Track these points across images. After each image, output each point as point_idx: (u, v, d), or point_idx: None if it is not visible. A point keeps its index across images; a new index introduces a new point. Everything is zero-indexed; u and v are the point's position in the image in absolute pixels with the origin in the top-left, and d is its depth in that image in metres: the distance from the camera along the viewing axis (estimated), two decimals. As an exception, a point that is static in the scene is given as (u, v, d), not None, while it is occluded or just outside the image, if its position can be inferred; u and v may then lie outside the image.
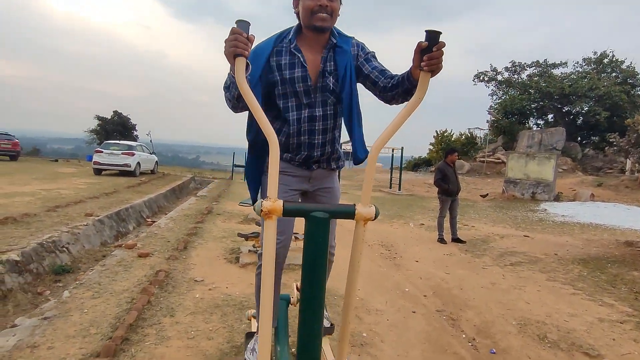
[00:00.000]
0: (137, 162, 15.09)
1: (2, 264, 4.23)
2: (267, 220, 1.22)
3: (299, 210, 1.26)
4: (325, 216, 1.24)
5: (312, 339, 1.27)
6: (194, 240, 5.51)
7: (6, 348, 2.35)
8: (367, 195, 1.28)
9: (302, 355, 1.27)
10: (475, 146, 25.32)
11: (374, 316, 3.30)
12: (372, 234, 6.85)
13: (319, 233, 1.24)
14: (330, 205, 1.42)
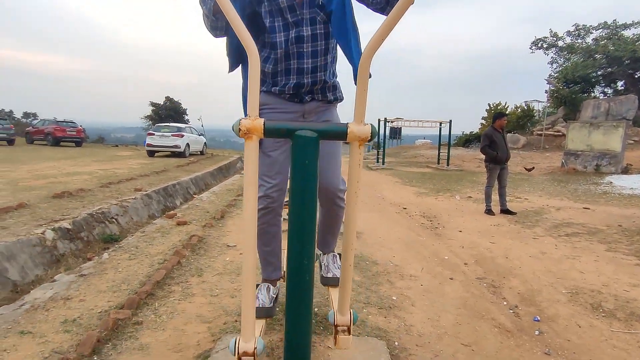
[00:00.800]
0: (186, 144, 15.64)
1: (55, 231, 4.51)
2: (248, 141, 1.10)
3: (282, 129, 1.12)
4: (314, 135, 1.09)
5: (301, 272, 1.14)
6: (232, 210, 5.58)
7: (42, 299, 2.47)
8: (362, 112, 1.10)
9: (292, 290, 1.15)
10: (533, 119, 23.59)
11: (407, 281, 3.13)
12: (414, 207, 6.60)
13: (307, 155, 1.10)
14: (319, 123, 1.25)
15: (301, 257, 1.13)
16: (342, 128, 1.10)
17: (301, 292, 1.15)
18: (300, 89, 1.59)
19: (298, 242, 1.13)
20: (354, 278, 3.06)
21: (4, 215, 4.85)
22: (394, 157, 19.45)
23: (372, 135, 1.10)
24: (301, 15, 1.52)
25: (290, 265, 1.14)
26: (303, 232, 1.13)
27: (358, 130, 1.09)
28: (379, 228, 4.88)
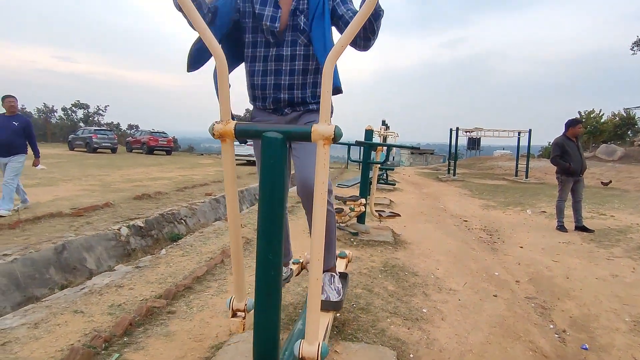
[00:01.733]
0: (259, 153, 16.45)
1: (129, 228, 5.06)
2: (223, 143, 1.20)
3: (251, 131, 1.19)
4: (280, 136, 1.15)
5: (267, 267, 1.20)
6: (289, 216, 5.76)
7: (99, 285, 2.80)
8: (326, 111, 1.14)
9: (259, 284, 1.21)
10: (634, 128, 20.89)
11: (444, 295, 3.00)
12: (476, 220, 6.25)
13: (275, 155, 1.16)
14: (286, 125, 1.29)
15: (266, 252, 1.19)
16: (306, 129, 1.14)
17: (268, 287, 1.21)
18: (278, 103, 1.68)
19: (264, 237, 1.19)
20: (387, 287, 3.01)
21: (91, 213, 5.55)
22: (468, 168, 18.52)
23: (335, 135, 1.13)
24: (282, 37, 1.61)
25: (258, 259, 1.20)
26: (270, 227, 1.19)
27: (322, 130, 1.12)
28: (430, 239, 4.71)
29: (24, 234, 4.27)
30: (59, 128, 31.09)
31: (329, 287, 1.80)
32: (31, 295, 3.41)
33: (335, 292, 1.77)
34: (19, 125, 5.23)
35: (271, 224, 1.19)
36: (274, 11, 1.59)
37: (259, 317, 1.22)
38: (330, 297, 1.74)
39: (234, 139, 1.19)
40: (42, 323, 2.17)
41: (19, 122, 5.26)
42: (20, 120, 5.30)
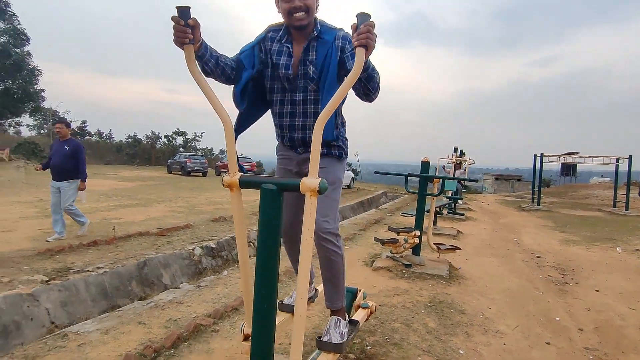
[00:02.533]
0: (333, 178, 16.85)
1: (202, 249, 5.59)
2: (231, 192, 1.42)
3: (252, 183, 1.40)
4: (274, 188, 1.35)
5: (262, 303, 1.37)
6: (347, 244, 5.89)
7: (164, 300, 3.20)
8: (314, 167, 1.31)
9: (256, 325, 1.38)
10: None
11: (489, 337, 2.88)
12: (551, 256, 5.78)
13: (270, 204, 1.35)
14: (281, 178, 1.45)
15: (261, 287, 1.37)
16: (296, 182, 1.33)
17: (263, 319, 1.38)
18: (294, 142, 1.88)
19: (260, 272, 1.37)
20: (427, 324, 2.99)
21: (173, 233, 6.22)
22: (559, 197, 16.92)
23: (320, 189, 1.29)
24: (295, 84, 1.82)
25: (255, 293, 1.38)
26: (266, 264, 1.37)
27: (309, 183, 1.30)
28: (491, 276, 4.49)
29: (116, 249, 4.97)
30: (162, 153, 34.89)
31: (334, 330, 1.89)
32: (115, 304, 3.96)
33: (338, 336, 1.86)
34: (69, 149, 5.44)
35: (267, 261, 1.37)
36: (287, 60, 1.83)
37: (254, 344, 1.39)
38: (332, 340, 1.84)
39: (239, 188, 1.41)
40: (112, 330, 2.58)
41: (70, 147, 5.46)
42: (72, 145, 5.50)
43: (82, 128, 36.03)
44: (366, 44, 1.26)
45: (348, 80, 1.27)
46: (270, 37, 1.87)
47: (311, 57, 1.79)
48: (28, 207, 7.96)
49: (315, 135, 1.31)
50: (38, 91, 26.19)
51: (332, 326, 1.91)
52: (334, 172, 1.93)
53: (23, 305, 3.23)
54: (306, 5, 1.70)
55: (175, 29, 1.33)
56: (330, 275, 1.93)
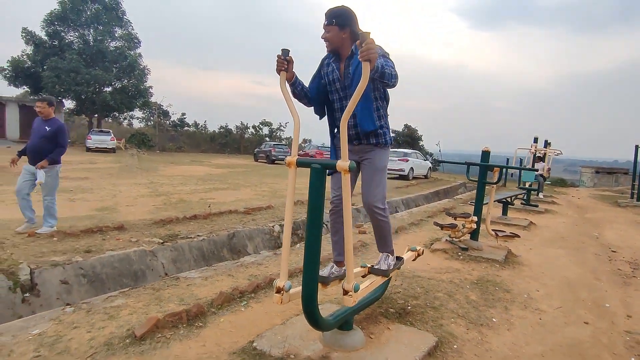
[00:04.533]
0: (410, 167, 16.94)
1: (281, 226, 6.38)
2: (289, 169, 2.01)
3: (305, 163, 1.97)
4: (319, 167, 1.90)
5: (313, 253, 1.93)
6: (411, 228, 6.27)
7: (248, 262, 3.97)
8: (344, 152, 1.85)
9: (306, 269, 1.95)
10: None
11: (527, 312, 3.14)
12: (629, 252, 5.55)
13: (317, 180, 1.91)
14: (325, 160, 1.96)
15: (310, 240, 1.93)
16: (333, 162, 1.86)
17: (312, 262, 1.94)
18: (349, 137, 2.40)
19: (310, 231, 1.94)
20: (469, 296, 3.33)
21: (256, 212, 7.13)
22: None
23: (350, 167, 1.82)
24: (345, 93, 2.36)
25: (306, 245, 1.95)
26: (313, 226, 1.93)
27: (341, 164, 1.84)
28: (551, 265, 4.57)
29: (212, 223, 5.95)
30: (249, 142, 37.50)
31: (383, 262, 2.56)
32: (211, 265, 4.87)
33: (385, 265, 2.54)
34: (50, 130, 4.70)
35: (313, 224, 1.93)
36: (337, 74, 2.40)
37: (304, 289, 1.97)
38: (381, 267, 2.52)
39: (295, 166, 2.00)
40: (209, 278, 3.38)
41: (52, 127, 4.72)
42: (54, 125, 4.75)
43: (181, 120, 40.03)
44: (369, 59, 1.74)
45: (358, 88, 1.77)
46: (326, 63, 2.48)
47: (350, 70, 2.34)
48: (143, 188, 9.54)
49: (342, 130, 1.84)
50: (147, 88, 29.77)
51: (382, 259, 2.57)
52: (380, 160, 2.50)
53: (146, 258, 4.23)
54: (326, 37, 2.31)
55: (278, 60, 2.11)
56: (380, 234, 2.57)
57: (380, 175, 2.47)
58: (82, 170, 13.05)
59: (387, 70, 2.09)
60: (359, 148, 2.48)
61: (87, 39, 26.97)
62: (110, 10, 27.32)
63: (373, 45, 1.73)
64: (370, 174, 2.45)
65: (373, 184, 2.42)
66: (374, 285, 2.40)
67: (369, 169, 2.46)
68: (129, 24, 28.52)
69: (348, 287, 2.00)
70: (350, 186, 1.89)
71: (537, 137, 9.61)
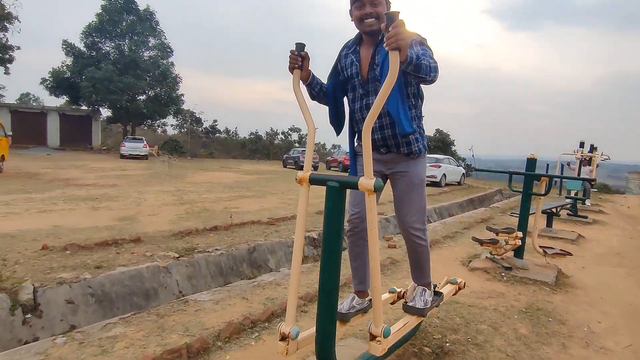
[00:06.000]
0: (442, 174, 16.24)
1: (305, 239, 6.03)
2: (300, 186, 1.65)
3: (319, 180, 1.60)
4: (336, 185, 1.53)
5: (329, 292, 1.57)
6: (446, 242, 5.77)
7: (266, 281, 3.64)
8: (368, 169, 1.46)
9: (321, 309, 1.58)
10: None
11: (590, 352, 2.64)
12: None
13: (334, 199, 1.55)
14: (344, 177, 1.58)
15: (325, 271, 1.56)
16: (355, 180, 1.49)
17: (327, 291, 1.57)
18: (375, 143, 2.00)
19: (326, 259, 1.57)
20: (518, 329, 2.86)
21: (280, 223, 6.82)
22: None
23: (375, 188, 1.44)
24: (367, 88, 1.95)
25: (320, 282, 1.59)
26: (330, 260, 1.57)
27: (365, 183, 1.46)
28: (610, 287, 3.99)
29: (232, 235, 5.69)
30: (279, 148, 37.60)
31: (419, 298, 2.12)
32: (228, 281, 4.58)
33: (422, 302, 2.10)
34: None
35: (330, 252, 1.57)
36: (357, 67, 2.00)
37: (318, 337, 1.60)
38: (416, 305, 2.08)
39: (309, 184, 1.63)
40: (221, 302, 3.06)
41: None
42: None
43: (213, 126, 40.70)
44: (397, 46, 1.34)
45: (385, 85, 1.37)
46: (343, 55, 2.08)
47: (377, 60, 1.92)
48: (168, 196, 9.46)
49: (365, 138, 1.45)
50: (179, 95, 30.40)
51: (417, 294, 2.14)
52: (416, 173, 2.07)
53: (160, 275, 3.98)
54: (377, 12, 1.84)
55: (290, 56, 1.76)
56: (417, 261, 2.15)
57: (419, 192, 2.06)
58: (113, 177, 13.23)
59: (423, 61, 1.66)
60: (388, 158, 2.07)
61: (123, 49, 27.83)
62: (144, 20, 28.11)
63: (403, 29, 1.34)
64: (405, 191, 2.05)
65: (410, 202, 2.03)
66: (407, 327, 2.00)
67: (403, 184, 2.06)
68: (162, 34, 29.26)
69: (376, 331, 1.62)
70: (375, 209, 1.50)
71: (584, 142, 8.85)
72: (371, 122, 1.44)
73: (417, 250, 2.09)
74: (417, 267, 2.18)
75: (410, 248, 2.11)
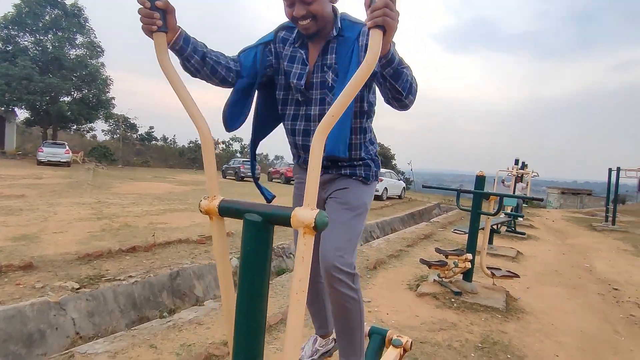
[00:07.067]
0: (384, 188, 16.31)
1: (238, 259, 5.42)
2: (210, 221, 1.13)
3: (233, 210, 1.10)
4: (259, 219, 1.03)
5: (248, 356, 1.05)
6: (391, 262, 5.44)
7: (183, 320, 3.00)
8: (311, 194, 0.97)
9: None
10: None
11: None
12: (632, 289, 4.94)
13: (254, 238, 1.04)
14: (269, 206, 1.10)
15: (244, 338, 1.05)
16: (287, 213, 1.00)
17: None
18: None
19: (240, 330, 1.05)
20: (477, 372, 2.51)
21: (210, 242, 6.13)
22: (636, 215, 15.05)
23: (317, 224, 0.95)
24: (310, 96, 1.49)
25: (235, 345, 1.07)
26: (247, 320, 1.05)
27: (301, 216, 0.96)
28: (558, 311, 3.85)
29: (153, 257, 4.93)
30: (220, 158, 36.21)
31: None
32: (143, 315, 3.86)
33: None
34: None
35: (248, 317, 1.05)
36: (302, 68, 1.51)
37: None
38: None
39: (220, 217, 1.12)
40: (120, 353, 2.40)
41: None
42: None
43: (149, 133, 38.36)
44: (383, 24, 0.90)
45: (359, 73, 0.89)
46: (282, 37, 1.56)
47: (329, 61, 1.46)
48: (85, 209, 8.33)
49: (313, 153, 0.97)
50: (109, 99, 28.20)
51: None
52: (357, 195, 1.56)
53: (50, 313, 3.19)
54: (311, 11, 1.35)
55: (141, 12, 1.06)
56: (344, 325, 1.54)
57: (356, 221, 1.52)
58: (22, 186, 11.59)
59: (406, 70, 1.24)
60: (327, 178, 1.60)
61: (45, 45, 25.26)
62: (71, 16, 25.79)
63: (393, 4, 0.91)
64: (336, 213, 1.50)
65: (338, 229, 1.45)
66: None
67: (335, 205, 1.54)
68: (92, 32, 27.03)
69: None
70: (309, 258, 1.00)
71: (518, 159, 9.15)
72: (325, 130, 0.94)
73: (344, 308, 1.46)
74: (346, 335, 1.56)
75: (336, 303, 1.47)
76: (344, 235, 1.46)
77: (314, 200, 0.98)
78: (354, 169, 1.57)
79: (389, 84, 1.24)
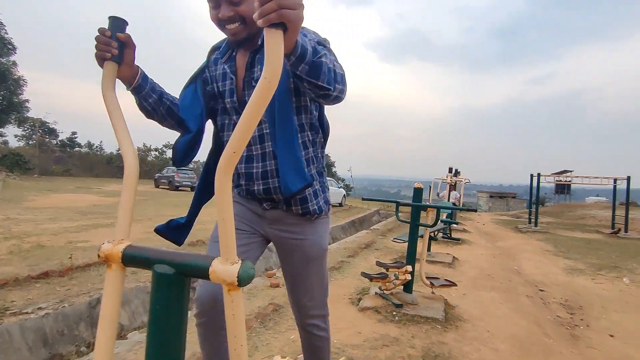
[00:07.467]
0: (324, 195, 16.38)
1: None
2: (108, 270, 0.91)
3: (141, 259, 0.89)
4: (171, 272, 0.84)
5: None
6: (333, 274, 5.36)
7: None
8: (228, 242, 0.80)
9: None
10: None
11: (496, 410, 2.35)
12: (557, 289, 5.28)
13: (166, 292, 0.85)
14: (184, 254, 0.93)
15: None
16: (205, 264, 0.82)
17: None
18: (254, 196, 1.38)
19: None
20: (420, 391, 2.46)
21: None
22: (555, 217, 16.54)
23: (240, 280, 0.78)
24: None
25: None
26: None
27: (220, 272, 0.79)
28: (492, 316, 3.97)
29: (69, 283, 4.39)
30: (152, 166, 34.27)
31: None
32: (56, 352, 3.39)
33: None
34: None
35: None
36: (230, 83, 1.35)
37: None
38: None
39: (120, 265, 0.91)
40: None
41: None
42: None
43: (72, 139, 35.41)
44: (280, 19, 0.72)
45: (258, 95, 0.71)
46: (213, 59, 1.41)
47: (256, 74, 1.30)
48: (-10, 228, 7.34)
49: (218, 192, 0.79)
50: (22, 101, 25.63)
51: None
52: (315, 243, 1.43)
53: None
54: (239, 13, 1.20)
55: (98, 40, 1.01)
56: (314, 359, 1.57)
57: (319, 267, 1.46)
58: None
59: (325, 59, 1.05)
60: (275, 215, 1.43)
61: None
62: (-24, 9, 23.12)
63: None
64: (300, 266, 1.43)
65: (307, 281, 1.44)
66: None
67: (296, 256, 1.43)
68: (1, 27, 24.39)
69: None
70: (242, 312, 0.84)
71: (452, 168, 9.59)
72: (231, 163, 0.78)
73: (314, 345, 1.54)
74: None
75: (305, 341, 1.56)
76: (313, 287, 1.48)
77: (233, 251, 0.81)
78: (305, 204, 1.40)
79: (307, 83, 1.07)
